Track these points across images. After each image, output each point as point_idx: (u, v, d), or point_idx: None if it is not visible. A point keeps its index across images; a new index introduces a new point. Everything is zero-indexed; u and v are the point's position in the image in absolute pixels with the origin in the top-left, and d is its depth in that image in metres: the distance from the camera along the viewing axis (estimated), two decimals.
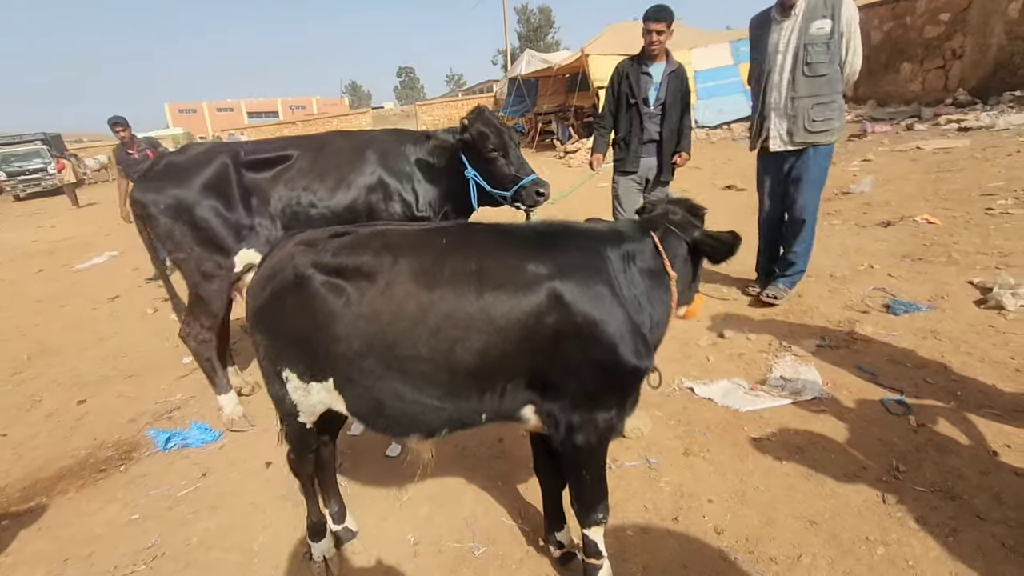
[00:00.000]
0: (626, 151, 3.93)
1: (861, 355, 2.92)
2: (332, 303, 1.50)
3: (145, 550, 2.28)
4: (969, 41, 10.94)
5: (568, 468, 1.57)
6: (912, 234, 4.60)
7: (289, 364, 1.63)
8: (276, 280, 1.58)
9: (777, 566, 1.77)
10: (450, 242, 1.55)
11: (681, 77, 3.79)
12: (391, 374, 1.50)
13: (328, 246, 1.58)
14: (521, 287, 1.40)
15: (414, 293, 1.46)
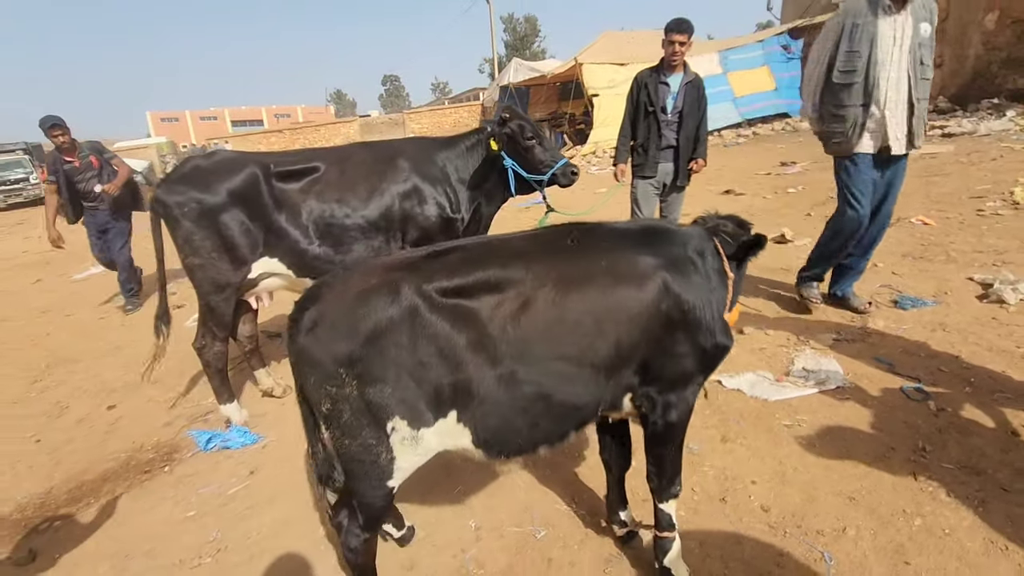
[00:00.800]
0: (644, 157, 4.10)
1: (876, 347, 3.10)
2: (458, 326, 1.44)
3: (207, 544, 2.34)
4: (948, 51, 11.39)
5: (656, 445, 1.67)
6: (910, 234, 4.83)
7: (399, 411, 1.45)
8: (377, 316, 1.42)
9: (824, 538, 1.91)
10: (573, 245, 1.60)
11: (698, 87, 3.96)
12: (528, 386, 1.49)
13: (437, 266, 1.51)
14: (642, 279, 1.52)
15: (556, 295, 1.48)
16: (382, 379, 1.43)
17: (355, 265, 1.73)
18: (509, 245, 1.63)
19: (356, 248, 3.20)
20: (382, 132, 30.88)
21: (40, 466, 3.14)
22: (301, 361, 1.50)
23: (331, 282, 1.58)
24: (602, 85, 13.47)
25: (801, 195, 6.95)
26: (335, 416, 1.47)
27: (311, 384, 1.49)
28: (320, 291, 1.54)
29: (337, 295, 1.51)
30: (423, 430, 1.49)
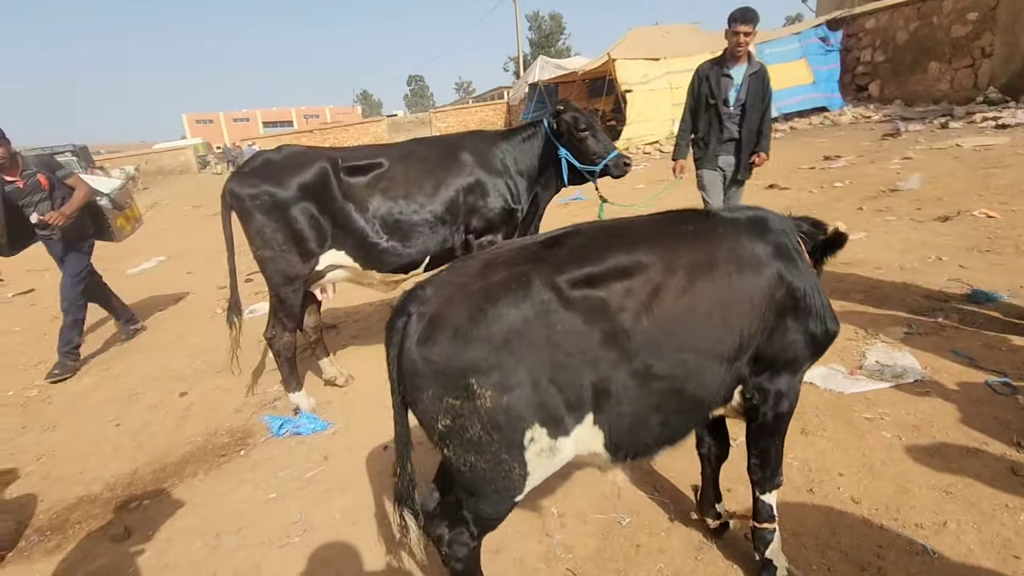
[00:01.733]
0: (705, 150, 4.06)
1: (952, 341, 3.01)
2: (592, 319, 1.35)
3: (293, 524, 2.42)
4: (998, 39, 10.96)
5: (764, 437, 1.65)
6: (973, 228, 4.68)
7: (538, 419, 1.33)
8: (510, 314, 1.30)
9: (924, 531, 1.88)
10: (693, 230, 1.55)
11: (762, 78, 3.89)
12: (661, 381, 1.43)
13: (564, 255, 1.41)
14: (760, 265, 1.51)
15: (686, 283, 1.43)
16: (520, 386, 1.29)
17: (461, 261, 1.50)
18: (630, 230, 1.57)
19: (422, 241, 3.26)
20: (409, 131, 31.21)
21: (123, 448, 3.28)
22: (413, 373, 1.33)
23: (439, 281, 1.42)
24: (636, 81, 13.35)
25: (849, 189, 6.79)
26: (458, 432, 1.32)
27: (426, 399, 1.33)
28: (427, 292, 1.39)
29: (454, 295, 1.35)
30: (561, 438, 1.38)
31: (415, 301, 1.38)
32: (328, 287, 3.48)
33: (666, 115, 13.69)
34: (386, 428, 3.06)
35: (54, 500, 2.86)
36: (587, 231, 1.54)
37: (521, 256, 1.43)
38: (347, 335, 4.56)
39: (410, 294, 1.42)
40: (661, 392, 1.45)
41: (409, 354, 1.33)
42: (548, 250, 1.45)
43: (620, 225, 1.61)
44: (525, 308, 1.32)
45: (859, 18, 13.82)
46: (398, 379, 1.39)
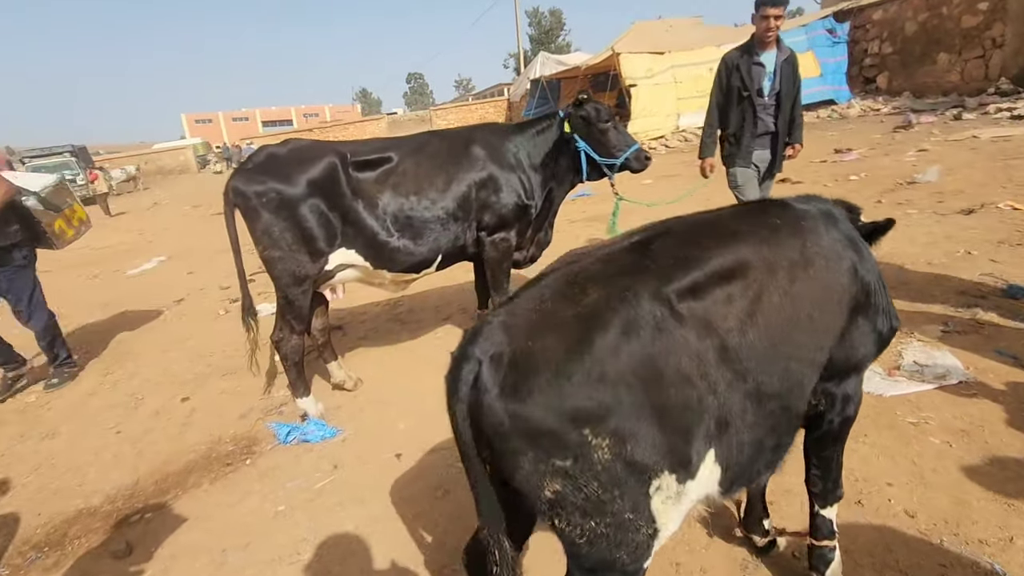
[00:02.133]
0: (736, 147, 3.77)
1: (994, 340, 2.87)
2: (703, 336, 1.14)
3: (303, 540, 2.28)
4: (1010, 30, 10.79)
5: (828, 446, 1.51)
6: (1000, 221, 4.52)
7: (666, 464, 1.09)
8: (627, 343, 1.06)
9: (990, 548, 1.73)
10: (781, 224, 1.38)
11: (793, 64, 3.65)
12: (774, 400, 1.25)
13: (661, 260, 1.20)
14: (840, 262, 1.37)
15: (788, 285, 1.27)
16: (643, 427, 1.06)
17: (530, 285, 1.21)
18: (719, 224, 1.37)
19: (434, 239, 3.13)
20: (409, 129, 31.02)
21: (124, 456, 3.14)
22: (502, 436, 1.06)
23: (511, 311, 1.14)
24: (640, 75, 13.18)
25: (865, 182, 6.63)
26: (571, 498, 1.06)
27: (525, 465, 1.06)
28: (498, 326, 1.11)
29: (541, 325, 1.09)
30: (688, 482, 1.15)
31: (483, 340, 1.09)
32: (337, 287, 3.34)
33: (671, 110, 13.54)
34: (398, 434, 2.95)
35: (52, 513, 2.72)
36: (675, 228, 1.34)
37: (612, 266, 1.19)
38: (354, 336, 4.43)
39: (475, 332, 1.12)
40: (774, 412, 1.26)
41: (492, 412, 1.05)
42: (641, 255, 1.22)
43: (706, 219, 1.41)
44: (638, 331, 1.08)
45: (866, 9, 13.64)
46: (476, 444, 1.11)
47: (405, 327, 4.45)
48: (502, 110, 29.33)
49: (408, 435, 2.94)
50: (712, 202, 5.85)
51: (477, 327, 1.14)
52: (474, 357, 1.08)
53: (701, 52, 13.72)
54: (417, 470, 2.62)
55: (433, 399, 3.20)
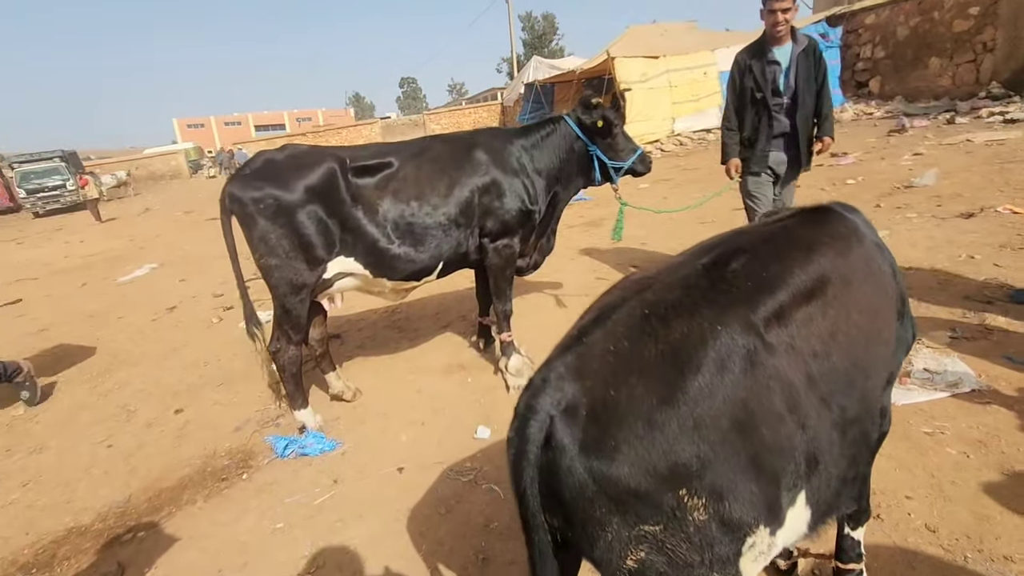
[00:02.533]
0: (752, 150, 3.63)
1: (1004, 346, 2.83)
2: (792, 366, 1.03)
3: (303, 559, 2.20)
4: (1001, 34, 10.86)
5: (869, 463, 1.42)
6: (1001, 224, 4.51)
7: (762, 515, 0.97)
8: (712, 382, 0.94)
9: (1016, 565, 1.68)
10: (839, 233, 1.31)
11: (812, 54, 3.40)
12: (854, 425, 1.16)
13: (742, 284, 1.08)
14: (886, 270, 1.34)
15: (860, 298, 1.21)
16: (741, 480, 0.93)
17: (594, 318, 1.07)
18: (789, 238, 1.27)
19: (436, 245, 3.06)
20: (403, 133, 31.03)
21: (115, 472, 3.05)
22: (585, 500, 0.93)
23: (579, 353, 1.00)
24: (635, 79, 13.17)
25: (862, 186, 6.63)
26: (654, 566, 0.94)
27: (609, 531, 0.93)
28: (566, 373, 0.97)
29: (620, 369, 0.95)
30: (778, 532, 1.02)
31: (552, 390, 0.95)
32: (336, 297, 3.26)
33: (666, 113, 13.55)
34: (399, 447, 2.87)
35: (41, 532, 2.62)
36: (745, 244, 1.21)
37: (692, 293, 1.06)
38: (352, 345, 4.34)
39: (542, 382, 0.98)
40: (856, 439, 1.16)
41: (572, 475, 0.92)
42: (719, 279, 1.09)
43: (774, 232, 1.30)
44: (733, 368, 0.95)
45: (858, 14, 13.72)
46: (546, 512, 0.97)
47: (404, 335, 4.37)
48: (496, 114, 29.35)
49: (410, 448, 2.87)
50: (718, 211, 5.81)
51: (543, 375, 0.99)
52: (544, 411, 0.94)
53: (696, 56, 13.75)
54: (420, 485, 2.54)
55: (434, 410, 3.14)
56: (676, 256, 1.28)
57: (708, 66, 13.73)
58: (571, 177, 3.42)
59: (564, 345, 1.04)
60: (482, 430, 2.87)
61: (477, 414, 3.05)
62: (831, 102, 3.51)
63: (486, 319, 3.79)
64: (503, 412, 3.02)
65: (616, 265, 5.24)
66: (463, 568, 2.03)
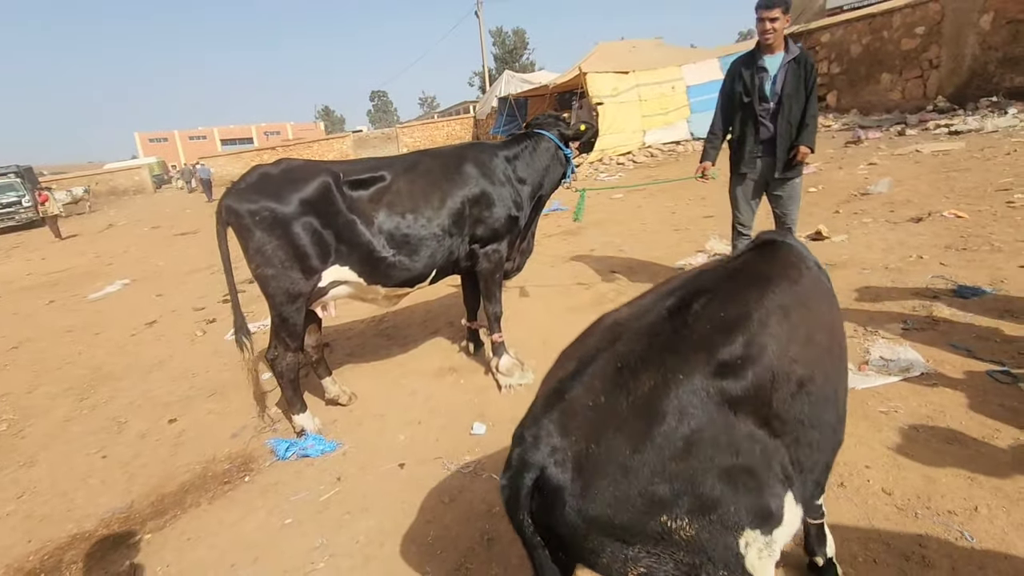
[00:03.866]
0: (740, 153, 3.81)
1: (949, 335, 3.14)
2: (764, 391, 1.17)
3: (314, 550, 2.31)
4: (944, 52, 11.65)
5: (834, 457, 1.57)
6: (946, 228, 4.91)
7: (749, 520, 1.11)
8: (678, 429, 1.07)
9: (958, 517, 1.92)
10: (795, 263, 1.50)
11: (802, 64, 3.53)
12: (824, 427, 1.31)
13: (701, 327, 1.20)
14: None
15: (822, 317, 1.40)
16: (721, 496, 1.07)
17: (569, 371, 1.19)
18: (746, 272, 1.41)
19: (430, 254, 3.21)
20: (375, 147, 31.01)
21: (114, 481, 3.08)
22: (579, 539, 1.09)
23: (563, 410, 1.12)
24: (606, 93, 13.61)
25: (823, 194, 7.05)
26: (661, 569, 1.09)
27: (606, 559, 1.10)
28: (551, 429, 1.10)
29: (600, 423, 1.09)
30: (777, 530, 1.15)
31: (542, 445, 1.10)
32: (329, 305, 3.37)
33: (637, 126, 14.01)
34: (398, 445, 3.01)
35: (44, 540, 2.65)
36: (706, 284, 1.33)
37: (656, 342, 1.18)
38: (342, 353, 4.44)
39: (528, 438, 1.12)
40: (830, 446, 1.38)
41: (564, 518, 1.07)
42: (682, 324, 1.21)
43: (733, 268, 1.43)
44: (695, 412, 1.08)
45: (815, 32, 14.48)
46: (546, 541, 1.13)
47: (394, 342, 4.49)
48: (469, 127, 29.66)
49: (408, 446, 2.99)
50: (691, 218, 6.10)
51: (534, 433, 1.11)
52: (535, 464, 1.09)
53: (664, 71, 14.30)
54: (421, 478, 2.68)
55: (430, 410, 3.27)
56: (646, 294, 1.41)
57: (676, 81, 14.28)
58: (550, 183, 3.72)
59: (549, 402, 1.16)
60: (478, 426, 3.01)
61: (472, 412, 3.20)
62: (816, 112, 3.63)
63: (474, 323, 3.95)
64: (497, 410, 3.18)
65: (596, 271, 5.46)
66: (470, 549, 2.17)
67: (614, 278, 5.15)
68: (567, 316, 4.45)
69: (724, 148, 4.03)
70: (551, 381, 1.24)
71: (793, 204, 3.86)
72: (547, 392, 1.20)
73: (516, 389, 3.36)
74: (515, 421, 1.21)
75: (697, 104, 13.90)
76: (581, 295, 4.88)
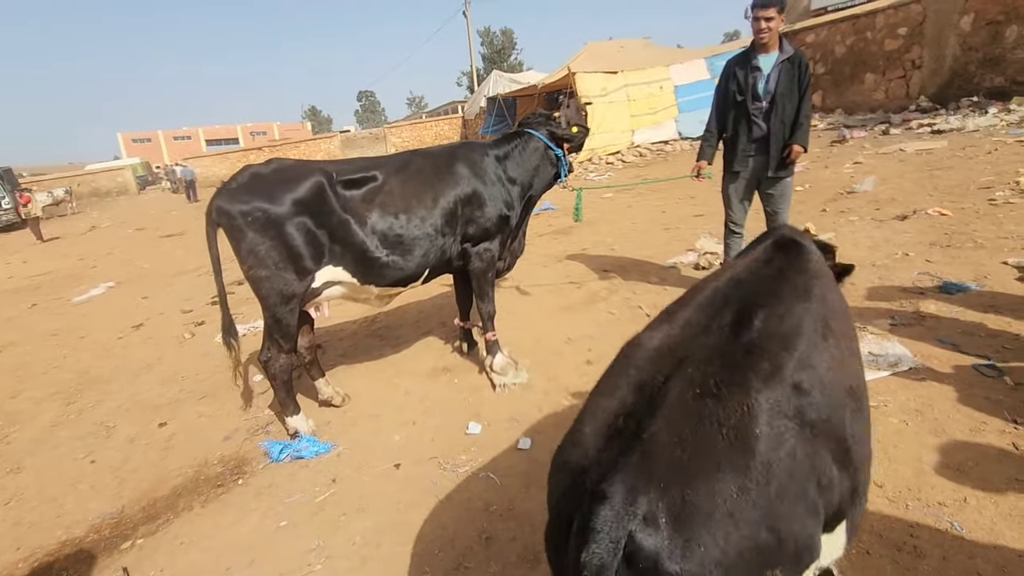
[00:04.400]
0: (733, 151, 3.86)
1: (935, 330, 3.19)
2: (822, 411, 1.10)
3: (310, 552, 2.29)
4: (927, 52, 11.85)
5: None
6: (930, 225, 5.00)
7: (815, 550, 1.03)
8: (774, 454, 0.97)
9: (948, 508, 1.96)
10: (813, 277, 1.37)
11: (797, 64, 3.57)
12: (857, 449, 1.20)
13: (766, 344, 1.11)
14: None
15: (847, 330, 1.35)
16: (809, 535, 1.00)
17: (648, 389, 1.06)
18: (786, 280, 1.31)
19: (423, 253, 3.21)
20: (363, 147, 30.84)
21: (104, 486, 3.04)
22: None
23: (652, 447, 0.94)
24: (595, 93, 13.67)
25: (809, 192, 7.14)
26: None
27: None
28: (647, 473, 0.91)
29: (696, 464, 0.92)
30: (826, 556, 1.10)
31: (624, 497, 0.88)
32: (322, 305, 3.35)
33: (625, 126, 14.08)
34: (393, 445, 3.00)
35: (33, 547, 2.61)
36: (756, 296, 1.22)
37: (731, 364, 1.06)
38: (334, 354, 4.41)
39: (610, 494, 0.89)
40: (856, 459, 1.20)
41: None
42: (752, 344, 1.10)
43: (760, 276, 1.32)
44: (788, 437, 0.99)
45: (800, 33, 14.65)
46: None
47: (386, 343, 4.47)
48: (457, 127, 29.61)
49: (403, 446, 2.99)
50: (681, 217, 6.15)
51: (609, 486, 0.90)
52: (619, 528, 0.87)
53: (652, 72, 14.39)
54: (417, 478, 2.67)
55: (424, 410, 3.27)
56: (678, 310, 1.29)
57: (664, 81, 14.38)
58: (541, 182, 3.71)
59: (623, 444, 0.96)
60: (473, 426, 3.01)
61: (467, 412, 3.20)
62: (809, 111, 3.67)
63: (467, 323, 3.95)
64: (492, 409, 3.18)
65: (588, 270, 5.48)
66: (468, 548, 2.17)
67: (606, 276, 5.17)
68: (560, 315, 4.46)
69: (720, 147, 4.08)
70: (605, 417, 1.05)
71: (784, 203, 3.93)
72: (611, 431, 1.01)
73: (511, 388, 3.36)
74: (511, 420, 1.22)
75: (685, 104, 14.00)
76: (573, 294, 4.90)
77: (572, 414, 3.11)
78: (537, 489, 2.46)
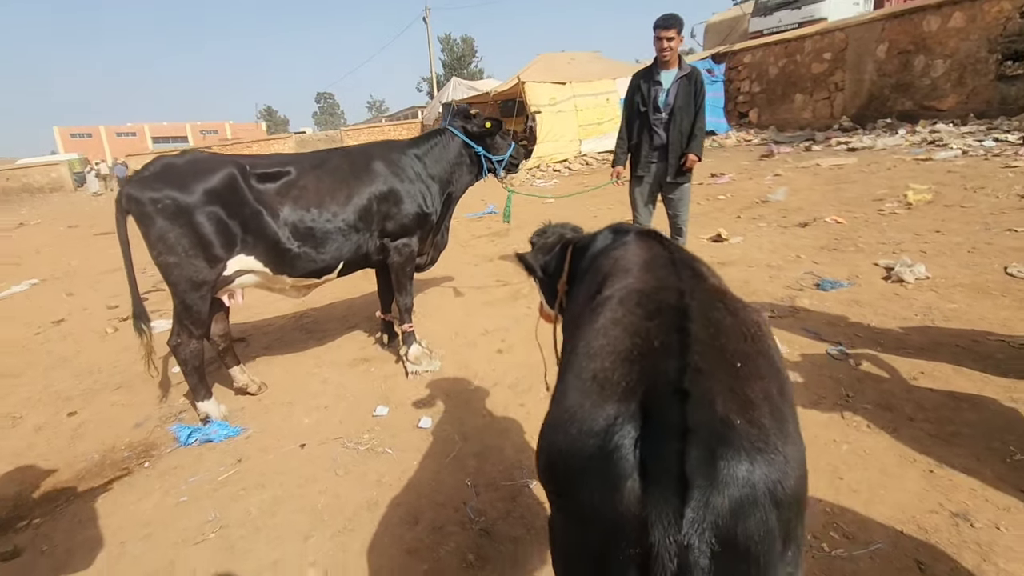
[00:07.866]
0: (637, 157, 4.19)
1: (804, 321, 3.57)
2: None
3: (206, 523, 2.40)
4: (848, 76, 12.80)
5: None
6: (825, 232, 5.48)
7: None
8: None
9: None
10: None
11: (694, 81, 3.95)
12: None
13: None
14: None
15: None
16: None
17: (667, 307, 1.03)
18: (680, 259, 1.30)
19: (336, 248, 3.34)
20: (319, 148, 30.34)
21: (1, 472, 3.02)
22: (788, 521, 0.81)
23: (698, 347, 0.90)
24: (544, 102, 14.06)
25: (730, 201, 7.64)
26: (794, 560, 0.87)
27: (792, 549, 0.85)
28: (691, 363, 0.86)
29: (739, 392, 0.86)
30: None
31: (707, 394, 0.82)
32: (236, 293, 3.43)
33: (573, 135, 14.52)
34: (302, 428, 3.13)
35: None
36: (692, 259, 1.30)
37: (722, 298, 1.11)
38: (258, 347, 4.47)
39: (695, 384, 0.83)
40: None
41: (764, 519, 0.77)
42: (716, 285, 1.20)
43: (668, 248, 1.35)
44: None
45: (739, 53, 15.51)
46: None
47: (312, 336, 4.56)
48: (416, 131, 29.56)
49: (312, 428, 3.11)
50: (611, 212, 6.48)
51: (684, 382, 0.83)
52: (711, 422, 0.80)
53: (600, 84, 14.91)
54: (319, 456, 2.81)
55: (337, 396, 3.39)
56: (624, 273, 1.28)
57: (610, 93, 14.92)
58: (461, 178, 3.90)
59: (675, 348, 0.90)
60: (380, 408, 3.17)
61: (377, 396, 3.35)
62: (703, 124, 4.03)
63: (388, 315, 4.10)
64: (401, 393, 3.34)
65: (516, 270, 5.67)
66: (355, 512, 2.33)
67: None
68: (482, 309, 4.67)
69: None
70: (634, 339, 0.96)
71: (683, 206, 4.30)
72: (647, 346, 0.93)
73: (422, 375, 3.53)
74: (417, 403, 1.33)
75: None
76: (498, 291, 5.12)
77: (476, 396, 3.30)
78: (429, 460, 2.64)
